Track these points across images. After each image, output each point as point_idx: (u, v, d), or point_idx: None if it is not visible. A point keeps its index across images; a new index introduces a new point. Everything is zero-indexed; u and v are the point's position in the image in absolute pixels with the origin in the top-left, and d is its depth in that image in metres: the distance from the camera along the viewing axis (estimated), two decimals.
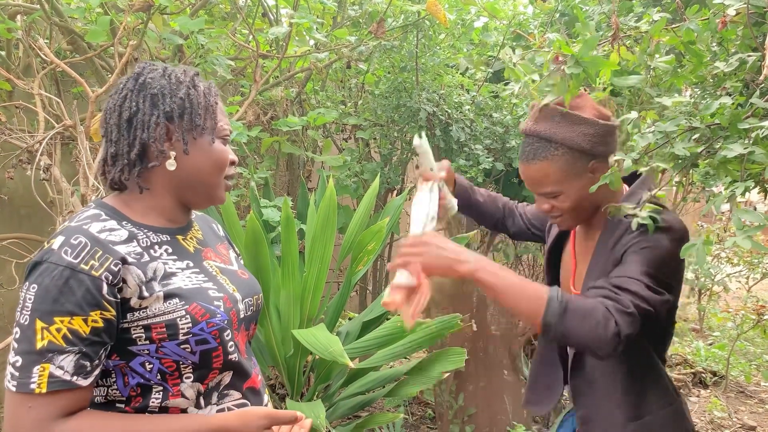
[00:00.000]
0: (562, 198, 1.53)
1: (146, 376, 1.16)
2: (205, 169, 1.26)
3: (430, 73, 3.36)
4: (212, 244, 1.39)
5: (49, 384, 1.04)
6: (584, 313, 1.32)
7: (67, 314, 1.06)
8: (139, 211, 1.24)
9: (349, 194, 3.64)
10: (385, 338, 2.37)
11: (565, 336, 1.33)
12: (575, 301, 1.35)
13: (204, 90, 1.27)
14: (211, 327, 1.18)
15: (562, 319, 1.31)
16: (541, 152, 1.49)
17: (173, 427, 1.13)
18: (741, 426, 4.56)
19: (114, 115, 1.22)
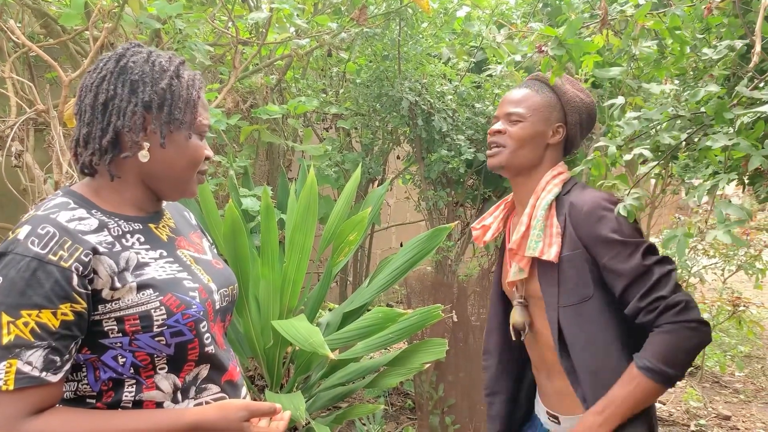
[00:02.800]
0: (520, 127, 1.61)
1: (118, 370, 1.12)
2: (178, 164, 1.21)
3: (413, 62, 3.33)
4: (185, 233, 1.35)
5: (17, 380, 1.00)
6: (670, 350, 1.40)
7: (35, 307, 1.01)
8: (109, 200, 1.19)
9: (330, 184, 3.60)
10: (366, 329, 2.35)
11: (684, 367, 1.42)
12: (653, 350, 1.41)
13: (188, 81, 1.22)
14: (186, 318, 1.15)
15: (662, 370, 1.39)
16: (536, 86, 1.66)
17: (146, 423, 1.09)
18: (716, 416, 4.63)
19: (89, 95, 1.17)
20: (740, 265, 6.67)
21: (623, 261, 1.44)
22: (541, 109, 1.63)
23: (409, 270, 2.65)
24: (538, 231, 1.56)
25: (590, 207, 1.49)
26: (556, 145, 1.65)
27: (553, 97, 1.65)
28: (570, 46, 1.48)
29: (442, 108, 3.34)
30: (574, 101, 1.65)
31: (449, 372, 3.51)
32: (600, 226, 1.47)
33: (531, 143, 1.61)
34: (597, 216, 1.48)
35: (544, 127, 1.62)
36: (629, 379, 1.43)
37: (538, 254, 1.53)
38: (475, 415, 3.49)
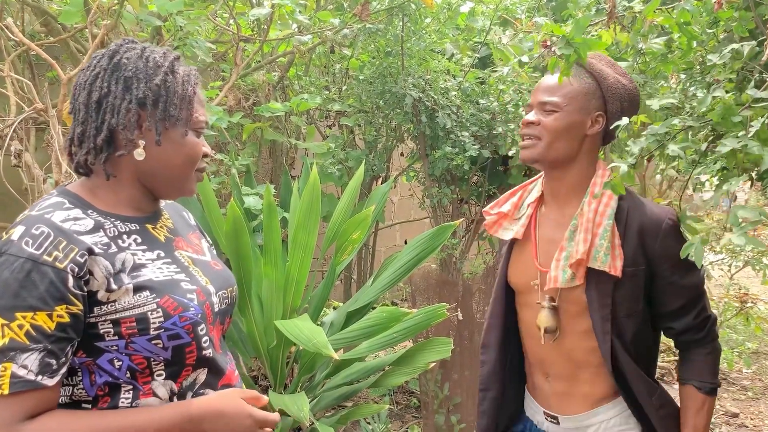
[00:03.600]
0: (556, 117, 1.51)
1: (115, 374, 1.10)
2: (175, 162, 1.18)
3: (416, 58, 3.29)
4: (183, 233, 1.32)
5: (12, 385, 0.98)
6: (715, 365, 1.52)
7: (30, 309, 0.99)
8: (105, 199, 1.17)
9: (334, 182, 3.58)
10: (370, 329, 2.32)
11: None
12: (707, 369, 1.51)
13: (183, 77, 1.19)
14: (184, 321, 1.12)
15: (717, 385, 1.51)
16: (574, 70, 1.51)
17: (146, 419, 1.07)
18: (724, 413, 4.59)
19: (83, 94, 1.14)
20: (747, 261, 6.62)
21: (688, 279, 1.48)
22: (579, 97, 1.51)
23: (413, 268, 2.62)
24: (607, 243, 1.48)
25: (670, 224, 1.46)
26: (595, 136, 1.54)
27: (591, 84, 1.52)
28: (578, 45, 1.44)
29: (446, 104, 3.30)
30: (615, 87, 1.52)
31: (454, 370, 3.49)
32: (676, 244, 1.41)
33: (567, 135, 1.51)
34: (675, 233, 1.46)
35: (581, 117, 1.51)
36: (701, 406, 1.50)
37: (607, 269, 1.47)
38: None
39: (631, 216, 1.49)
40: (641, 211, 1.50)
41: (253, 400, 1.18)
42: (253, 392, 1.20)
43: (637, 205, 1.51)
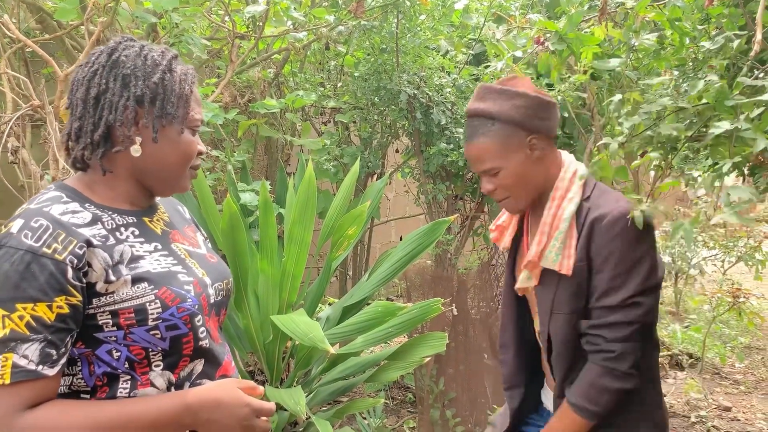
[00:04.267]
0: (503, 175, 1.55)
1: (113, 364, 1.12)
2: (170, 159, 1.20)
3: (411, 54, 3.31)
4: (179, 227, 1.34)
5: (13, 374, 0.99)
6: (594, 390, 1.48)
7: (30, 300, 1.01)
8: (102, 194, 1.19)
9: (329, 178, 3.59)
10: (366, 323, 2.34)
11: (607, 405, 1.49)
12: (579, 386, 1.51)
13: (180, 76, 1.21)
14: (181, 312, 1.14)
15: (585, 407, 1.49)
16: (479, 129, 1.53)
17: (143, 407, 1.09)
18: (716, 407, 4.63)
19: (81, 89, 1.16)
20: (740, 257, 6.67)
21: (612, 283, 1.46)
22: (501, 146, 1.52)
23: (409, 263, 2.64)
24: (559, 244, 1.53)
25: (611, 220, 1.45)
26: (544, 152, 1.56)
27: (501, 126, 1.52)
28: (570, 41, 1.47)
29: (440, 101, 3.32)
30: (517, 111, 1.51)
31: (449, 365, 3.51)
32: (612, 243, 1.45)
33: (524, 178, 1.55)
34: (616, 231, 1.45)
35: (520, 155, 1.53)
36: (563, 412, 1.54)
37: (557, 268, 1.52)
38: (475, 409, 3.49)
39: (588, 215, 1.51)
40: (596, 207, 1.50)
41: (250, 389, 1.20)
42: (250, 382, 1.22)
43: (596, 204, 1.51)
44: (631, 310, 1.44)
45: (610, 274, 1.45)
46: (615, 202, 1.48)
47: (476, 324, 3.57)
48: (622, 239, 1.43)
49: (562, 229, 1.52)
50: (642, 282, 1.43)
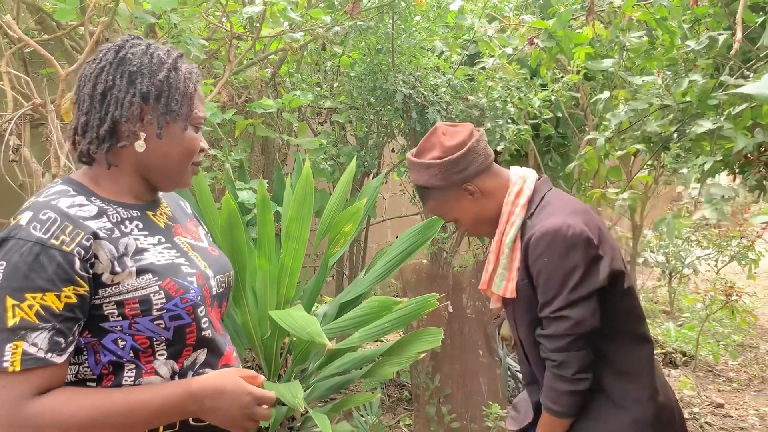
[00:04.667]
0: (462, 221, 1.75)
1: (118, 353, 1.15)
2: (173, 155, 1.24)
3: (406, 54, 3.35)
4: (182, 221, 1.38)
5: (23, 362, 1.02)
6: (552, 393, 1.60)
7: (39, 290, 1.04)
8: (107, 188, 1.22)
9: (326, 178, 3.63)
10: (363, 318, 2.37)
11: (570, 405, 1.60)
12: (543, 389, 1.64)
13: (185, 74, 1.24)
14: (185, 303, 1.18)
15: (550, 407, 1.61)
16: (423, 195, 1.75)
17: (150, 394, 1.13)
18: (710, 404, 4.68)
19: (88, 85, 1.19)
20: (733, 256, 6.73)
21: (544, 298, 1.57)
22: (447, 204, 1.70)
23: (405, 260, 2.67)
24: (502, 270, 1.67)
25: (536, 239, 1.56)
26: (483, 187, 1.69)
27: (435, 192, 1.69)
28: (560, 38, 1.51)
29: (435, 100, 3.36)
30: (438, 180, 1.66)
31: (445, 362, 3.55)
32: (539, 261, 1.56)
33: (479, 216, 1.71)
34: (540, 249, 1.55)
35: (463, 204, 1.70)
36: (543, 411, 1.66)
37: (502, 293, 1.67)
38: (471, 405, 3.53)
39: (527, 234, 1.61)
40: (532, 226, 1.61)
41: (251, 378, 1.23)
42: (251, 372, 1.25)
43: (534, 222, 1.62)
44: (560, 323, 1.54)
45: (541, 290, 1.58)
46: (546, 219, 1.58)
47: (471, 322, 3.61)
48: (547, 256, 1.54)
49: (505, 254, 1.65)
50: (566, 296, 1.53)
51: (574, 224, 1.53)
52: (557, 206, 1.62)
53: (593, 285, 1.53)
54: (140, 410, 1.11)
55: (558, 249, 1.53)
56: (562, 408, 1.60)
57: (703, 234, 7.03)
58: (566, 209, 1.60)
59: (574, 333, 1.53)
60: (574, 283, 1.52)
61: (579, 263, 1.52)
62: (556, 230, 1.53)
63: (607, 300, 1.58)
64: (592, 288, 1.53)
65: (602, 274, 1.55)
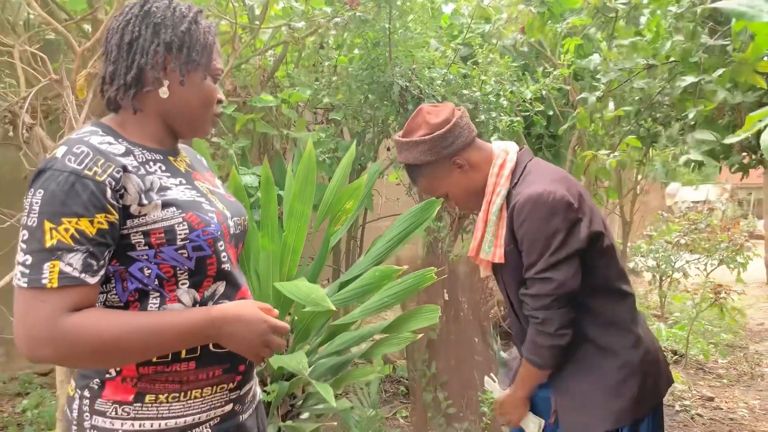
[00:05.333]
0: (452, 194, 1.84)
1: (144, 281, 1.23)
2: (193, 102, 1.33)
3: (403, 49, 3.46)
4: (200, 170, 1.47)
5: (60, 279, 1.10)
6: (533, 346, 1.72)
7: (74, 215, 1.12)
8: (133, 132, 1.31)
9: (324, 171, 3.72)
10: (365, 287, 2.45)
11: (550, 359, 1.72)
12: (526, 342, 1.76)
13: (204, 28, 1.35)
14: (206, 235, 1.26)
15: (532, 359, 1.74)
16: (413, 174, 1.85)
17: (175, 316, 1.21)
18: (700, 397, 4.76)
19: (116, 36, 1.29)
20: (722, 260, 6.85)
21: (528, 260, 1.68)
22: (437, 179, 1.80)
23: (403, 240, 2.75)
24: (490, 237, 1.79)
25: (519, 206, 1.67)
26: (470, 160, 1.79)
27: (425, 168, 1.79)
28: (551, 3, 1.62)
29: (431, 94, 3.47)
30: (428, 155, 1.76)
31: (441, 351, 3.62)
32: (522, 227, 1.67)
33: (468, 189, 1.81)
34: (523, 215, 1.66)
35: (453, 178, 1.79)
36: (524, 363, 1.78)
37: (491, 258, 1.78)
38: (466, 391, 3.60)
39: (511, 202, 1.72)
40: (516, 195, 1.72)
41: (267, 310, 1.32)
42: (266, 304, 1.34)
43: (517, 191, 1.73)
44: (544, 284, 1.65)
45: (525, 253, 1.69)
46: (527, 187, 1.69)
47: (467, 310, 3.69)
48: (529, 222, 1.65)
49: (491, 223, 1.77)
50: (548, 257, 1.64)
51: (555, 190, 1.64)
52: (538, 174, 1.74)
53: (574, 246, 1.65)
54: (166, 330, 1.19)
55: (540, 214, 1.64)
56: (543, 360, 1.72)
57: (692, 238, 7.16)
58: (547, 177, 1.71)
59: (556, 293, 1.65)
60: (556, 246, 1.63)
61: (560, 227, 1.63)
62: (538, 196, 1.64)
63: (587, 258, 1.70)
64: (572, 249, 1.64)
65: (582, 235, 1.66)
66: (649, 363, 1.75)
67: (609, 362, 1.73)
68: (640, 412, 1.74)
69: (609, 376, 1.73)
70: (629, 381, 1.72)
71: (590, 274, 1.70)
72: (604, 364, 1.73)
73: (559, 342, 1.68)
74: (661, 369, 1.81)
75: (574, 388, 1.77)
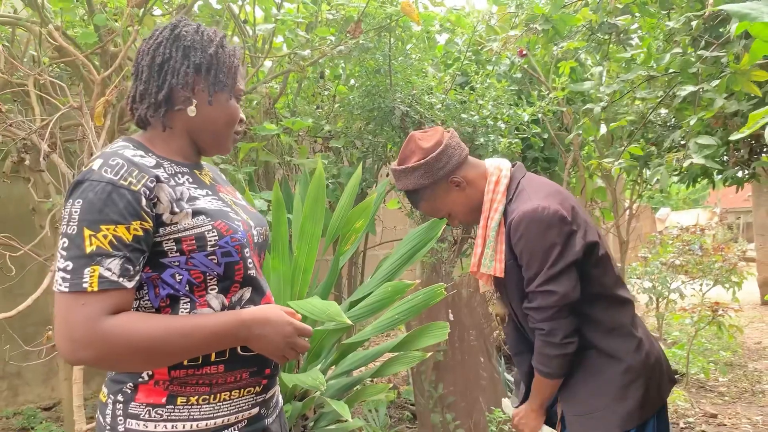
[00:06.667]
0: (454, 213, 1.92)
1: (176, 287, 1.29)
2: (219, 120, 1.41)
3: (402, 76, 3.57)
4: (222, 184, 1.54)
5: (100, 283, 1.16)
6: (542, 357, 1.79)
7: (112, 223, 1.18)
8: (160, 147, 1.39)
9: (327, 196, 3.79)
10: (377, 304, 2.48)
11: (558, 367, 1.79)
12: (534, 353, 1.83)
13: (230, 51, 1.43)
14: (234, 242, 1.32)
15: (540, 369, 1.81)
16: (414, 199, 1.91)
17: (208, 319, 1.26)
18: (703, 414, 4.79)
19: (147, 58, 1.37)
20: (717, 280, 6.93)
21: (527, 272, 1.75)
22: (437, 201, 1.87)
23: (410, 259, 2.80)
24: (491, 252, 1.85)
25: (515, 222, 1.74)
26: (467, 177, 1.86)
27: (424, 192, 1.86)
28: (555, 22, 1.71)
29: (431, 119, 3.57)
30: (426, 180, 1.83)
31: (447, 372, 3.65)
32: (520, 242, 1.74)
33: (467, 205, 1.88)
34: (520, 232, 1.73)
35: (452, 196, 1.86)
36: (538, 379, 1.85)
37: (492, 272, 1.85)
38: (473, 412, 3.62)
39: (508, 218, 1.79)
40: (512, 211, 1.79)
41: (291, 314, 1.38)
42: (291, 309, 1.40)
43: (513, 207, 1.80)
44: (545, 297, 1.71)
45: (525, 267, 1.76)
46: (523, 204, 1.76)
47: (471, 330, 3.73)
48: (526, 237, 1.72)
49: (491, 238, 1.84)
50: (547, 271, 1.70)
51: (548, 205, 1.71)
52: (532, 190, 1.80)
53: (570, 258, 1.71)
54: (199, 332, 1.24)
55: (536, 229, 1.70)
56: (552, 370, 1.78)
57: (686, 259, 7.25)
58: (540, 193, 1.78)
59: (558, 305, 1.71)
60: (554, 259, 1.70)
61: (556, 240, 1.70)
62: (533, 212, 1.71)
63: (584, 268, 1.76)
64: (569, 261, 1.71)
65: (577, 246, 1.73)
66: (651, 366, 1.81)
67: (613, 368, 1.79)
68: (646, 414, 1.79)
69: (614, 381, 1.78)
70: (634, 385, 1.78)
71: (588, 283, 1.77)
72: (608, 370, 1.79)
73: (566, 351, 1.75)
74: (663, 369, 1.87)
75: (580, 395, 1.83)
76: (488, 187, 1.86)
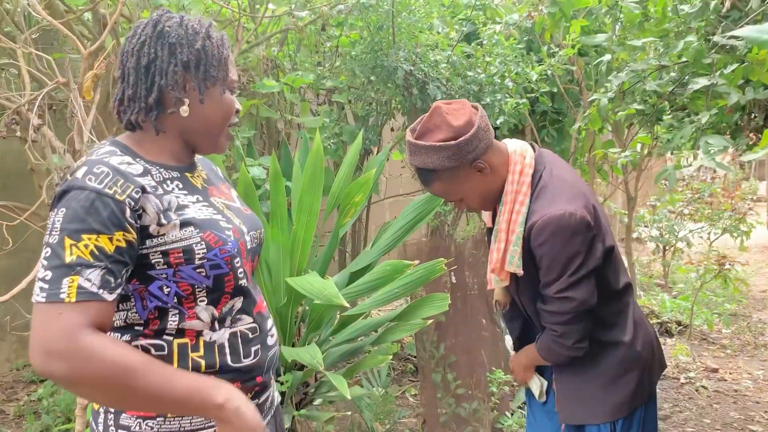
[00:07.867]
0: (468, 199, 1.77)
1: (163, 299, 1.25)
2: (214, 117, 1.34)
3: (406, 32, 3.43)
4: (216, 183, 1.48)
5: (78, 294, 1.11)
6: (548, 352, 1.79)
7: (94, 232, 1.13)
8: (151, 150, 1.32)
9: (330, 155, 3.72)
10: (376, 282, 2.47)
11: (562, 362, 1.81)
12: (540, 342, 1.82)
13: (217, 41, 1.34)
14: (223, 253, 1.28)
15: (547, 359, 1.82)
16: (427, 179, 1.71)
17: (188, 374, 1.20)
18: (704, 369, 4.83)
19: (132, 60, 1.29)
20: (725, 229, 6.87)
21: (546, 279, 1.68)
22: (454, 184, 1.70)
23: (410, 230, 2.77)
24: (515, 248, 1.72)
25: (539, 226, 1.64)
26: (491, 163, 1.70)
27: (444, 173, 1.67)
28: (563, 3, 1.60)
29: (436, 77, 3.45)
30: (450, 161, 1.64)
31: (449, 332, 3.66)
32: (542, 247, 1.65)
33: (484, 192, 1.74)
34: (543, 237, 1.64)
35: (472, 182, 1.71)
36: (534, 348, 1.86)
37: (514, 270, 1.73)
38: (474, 372, 3.65)
39: (529, 218, 1.69)
40: (533, 212, 1.68)
41: None
42: None
43: (534, 207, 1.69)
44: (563, 303, 1.66)
45: (544, 271, 1.68)
46: (547, 207, 1.65)
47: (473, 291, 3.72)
48: (551, 244, 1.63)
49: (518, 234, 1.70)
50: (568, 278, 1.64)
51: (575, 211, 1.62)
52: (555, 189, 1.69)
53: (591, 265, 1.66)
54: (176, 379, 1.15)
55: (561, 237, 1.62)
56: (554, 361, 1.82)
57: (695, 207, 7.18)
58: (564, 194, 1.67)
59: (575, 311, 1.67)
60: (576, 267, 1.64)
61: (580, 249, 1.63)
62: (559, 218, 1.62)
63: (600, 272, 1.71)
64: (590, 268, 1.66)
65: (598, 253, 1.67)
66: (645, 356, 1.81)
67: (608, 357, 1.78)
68: (636, 404, 1.80)
69: (608, 370, 1.78)
70: (628, 375, 1.78)
71: (600, 285, 1.73)
72: (604, 359, 1.79)
73: (575, 354, 1.74)
74: (656, 357, 1.87)
75: (575, 380, 1.82)
76: (512, 177, 1.72)
